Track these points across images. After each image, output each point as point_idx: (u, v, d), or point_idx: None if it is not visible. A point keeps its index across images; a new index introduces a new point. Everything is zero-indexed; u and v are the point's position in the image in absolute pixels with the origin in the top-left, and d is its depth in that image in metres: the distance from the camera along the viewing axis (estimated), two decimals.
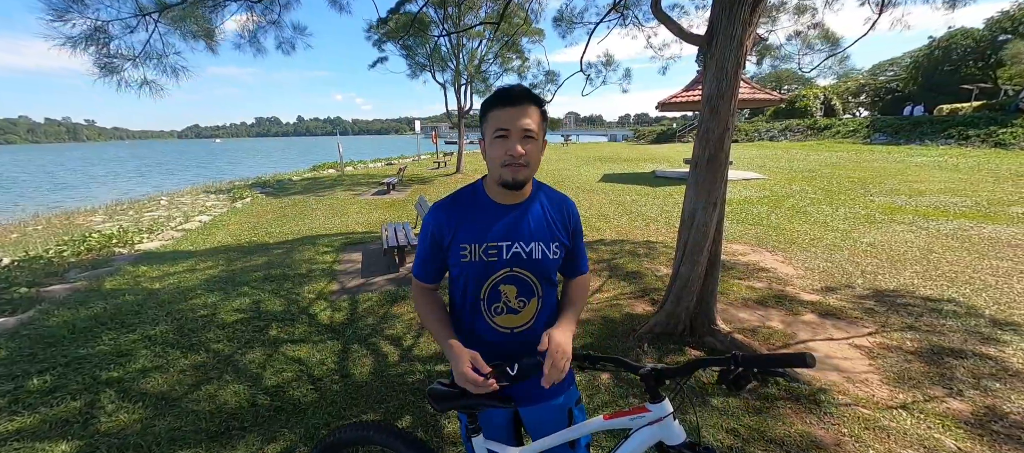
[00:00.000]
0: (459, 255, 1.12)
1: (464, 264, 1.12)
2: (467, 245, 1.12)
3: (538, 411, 1.24)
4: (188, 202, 10.55)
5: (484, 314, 1.17)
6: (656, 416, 1.02)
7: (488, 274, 1.12)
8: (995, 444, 2.02)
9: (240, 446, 2.13)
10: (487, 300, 1.15)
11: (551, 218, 1.17)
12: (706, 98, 2.58)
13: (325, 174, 17.04)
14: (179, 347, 3.12)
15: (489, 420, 1.26)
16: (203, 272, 4.90)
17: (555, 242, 1.16)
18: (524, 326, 1.18)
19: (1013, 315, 3.32)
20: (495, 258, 1.12)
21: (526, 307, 1.16)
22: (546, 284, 1.18)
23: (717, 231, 2.77)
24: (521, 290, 1.14)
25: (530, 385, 1.19)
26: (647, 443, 1.04)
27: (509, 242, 1.12)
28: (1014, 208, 6.78)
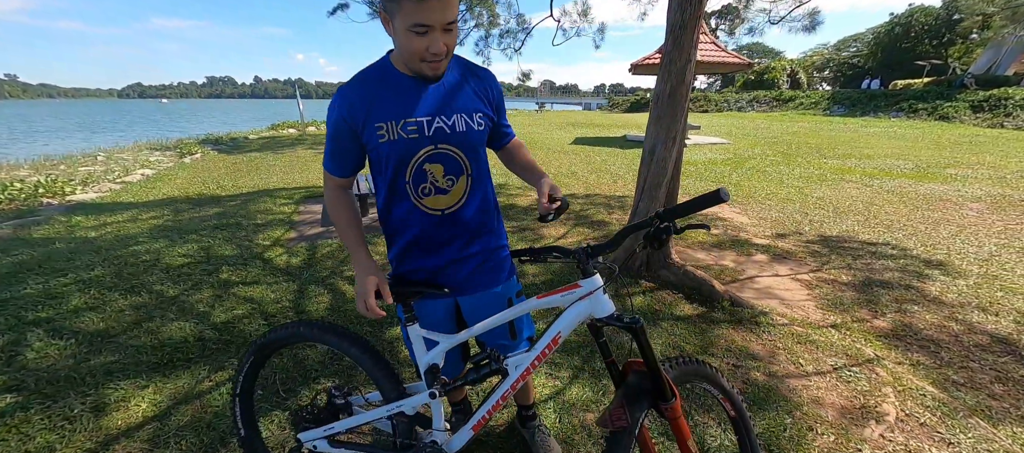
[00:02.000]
0: (376, 136, 1.03)
1: (382, 144, 1.03)
2: (383, 124, 1.02)
3: (477, 300, 1.24)
4: (129, 158, 9.69)
5: (412, 197, 1.10)
6: (586, 290, 1.03)
7: (411, 153, 1.05)
8: (908, 351, 2.23)
9: (185, 375, 2.05)
10: (413, 182, 1.08)
11: (473, 88, 1.11)
12: (670, 27, 2.54)
13: (285, 133, 16.06)
14: (117, 289, 2.92)
15: (427, 313, 1.24)
16: (146, 222, 4.57)
17: (479, 113, 1.10)
18: (455, 205, 1.13)
19: (937, 254, 3.63)
20: (416, 135, 1.04)
21: (455, 185, 1.11)
22: (474, 160, 1.12)
23: (676, 167, 2.82)
24: (448, 168, 1.09)
25: (469, 274, 1.21)
26: (579, 317, 1.06)
27: (430, 117, 1.04)
28: (948, 170, 7.34)
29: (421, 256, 1.18)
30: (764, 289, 3.00)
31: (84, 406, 1.83)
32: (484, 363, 1.14)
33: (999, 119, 14.55)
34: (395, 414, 1.21)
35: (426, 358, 1.17)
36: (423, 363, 1.17)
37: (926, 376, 2.04)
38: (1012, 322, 2.53)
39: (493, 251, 1.24)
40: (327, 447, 1.29)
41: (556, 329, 1.08)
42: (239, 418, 1.35)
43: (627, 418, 1.00)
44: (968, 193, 5.73)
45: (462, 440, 1.21)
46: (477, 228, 1.19)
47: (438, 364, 1.18)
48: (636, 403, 1.01)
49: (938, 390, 1.94)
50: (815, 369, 2.08)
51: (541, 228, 4.29)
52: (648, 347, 1.01)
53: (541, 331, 1.11)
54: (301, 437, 1.29)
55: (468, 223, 1.17)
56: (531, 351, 1.10)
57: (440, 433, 1.21)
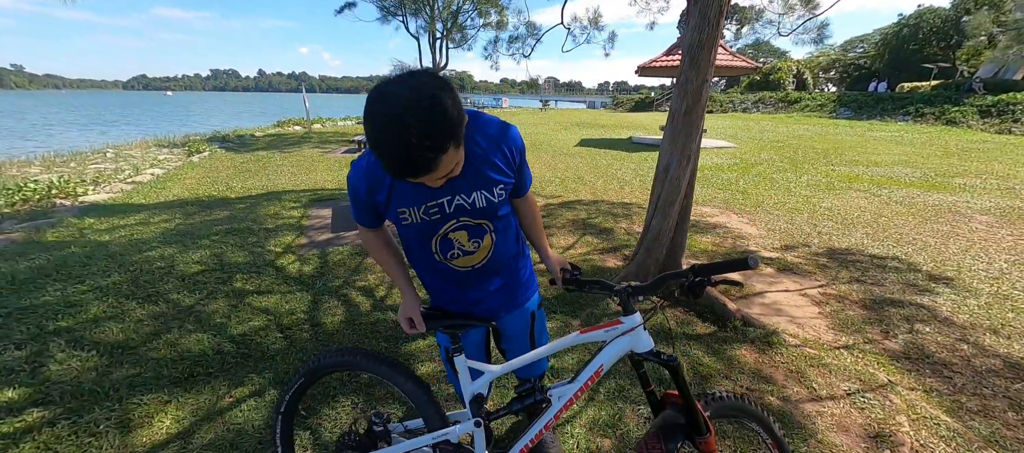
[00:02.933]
0: (399, 219, 1.09)
1: (406, 226, 1.10)
2: (405, 209, 1.06)
3: (509, 319, 1.37)
4: (138, 155, 9.75)
5: (440, 259, 1.18)
6: (628, 327, 1.09)
7: (435, 230, 1.10)
8: (921, 376, 2.25)
9: (206, 390, 2.08)
10: (440, 250, 1.15)
11: (491, 160, 1.07)
12: (687, 48, 2.54)
13: (290, 130, 16.11)
14: (135, 298, 2.96)
15: (467, 339, 1.36)
16: (158, 225, 4.61)
17: (499, 186, 1.10)
18: (482, 261, 1.21)
19: (946, 271, 3.63)
20: (438, 216, 1.07)
21: (480, 247, 1.17)
22: (495, 220, 1.16)
23: (689, 186, 2.82)
24: (472, 234, 1.14)
25: (501, 305, 1.33)
26: (621, 352, 1.11)
27: (449, 196, 1.05)
28: (957, 179, 7.30)
29: (454, 298, 1.29)
30: (773, 305, 3.01)
31: (109, 422, 1.86)
32: (527, 393, 1.20)
33: (1007, 125, 14.43)
34: (440, 443, 1.26)
35: (472, 388, 1.23)
36: (468, 392, 1.23)
37: (940, 404, 2.05)
38: (1023, 344, 2.53)
39: (516, 274, 1.34)
40: None
41: (598, 362, 1.12)
42: (279, 436, 1.38)
43: (661, 448, 1.04)
44: (977, 205, 5.70)
45: None
46: (503, 267, 1.28)
47: (483, 393, 1.24)
48: (671, 436, 1.05)
49: (952, 418, 1.95)
50: (829, 394, 2.09)
51: (551, 236, 4.31)
52: (684, 382, 1.05)
53: (583, 364, 1.16)
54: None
55: (496, 269, 1.26)
56: (574, 383, 1.15)
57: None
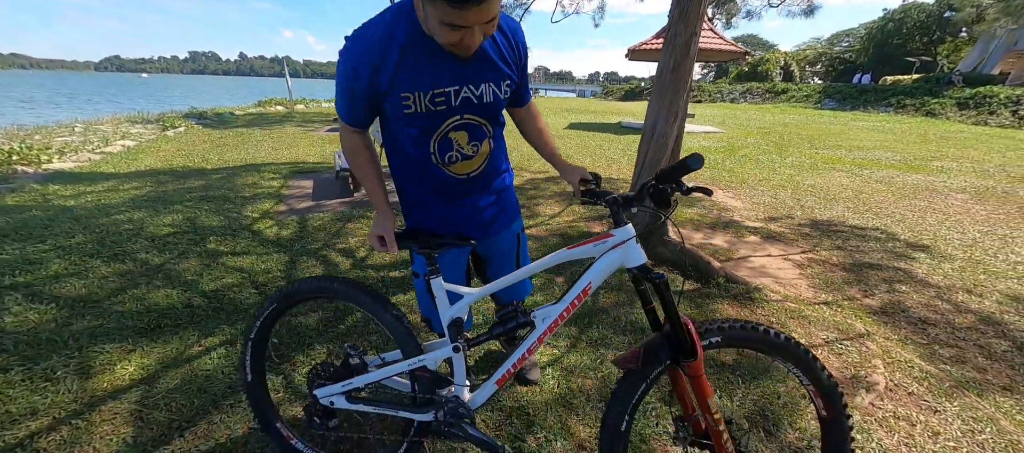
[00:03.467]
0: (401, 106, 0.97)
1: (408, 116, 0.99)
2: (410, 95, 0.96)
3: (493, 241, 1.33)
4: (109, 129, 9.33)
5: (435, 163, 1.11)
6: (619, 240, 1.02)
7: (438, 124, 1.03)
8: (897, 328, 2.28)
9: (174, 340, 1.99)
10: (438, 151, 1.08)
11: (503, 52, 1.05)
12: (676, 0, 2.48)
13: (272, 110, 15.63)
14: (99, 257, 2.82)
15: (445, 265, 1.29)
16: (127, 192, 4.41)
17: (506, 81, 1.07)
18: (477, 170, 1.18)
19: (923, 240, 3.71)
20: (444, 107, 1.00)
21: (479, 151, 1.14)
22: (495, 124, 1.16)
23: (676, 144, 2.80)
24: (472, 135, 1.10)
25: (488, 222, 1.28)
26: (611, 267, 1.04)
27: (458, 86, 0.99)
28: (934, 162, 7.48)
29: (440, 214, 1.23)
30: (757, 268, 3.03)
31: (67, 369, 1.76)
32: (510, 316, 1.12)
33: (983, 116, 14.86)
34: (417, 369, 1.18)
35: (450, 312, 1.15)
36: (446, 317, 1.15)
37: (915, 350, 2.09)
38: (995, 303, 2.60)
39: (505, 193, 1.31)
40: (345, 403, 1.25)
41: (587, 279, 1.05)
42: (248, 364, 1.30)
43: (638, 362, 1.01)
44: (953, 184, 5.85)
45: (485, 395, 1.19)
46: (493, 181, 1.26)
47: (462, 318, 1.16)
48: (654, 354, 1.01)
49: (926, 362, 1.99)
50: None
51: (538, 206, 4.27)
52: (670, 302, 0.98)
53: (570, 282, 1.08)
54: (317, 393, 1.25)
55: (487, 179, 1.23)
56: (559, 303, 1.06)
57: (462, 388, 1.19)
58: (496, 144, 1.20)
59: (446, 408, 1.18)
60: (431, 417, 1.20)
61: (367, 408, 1.26)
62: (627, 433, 1.06)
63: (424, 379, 1.21)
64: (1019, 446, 1.54)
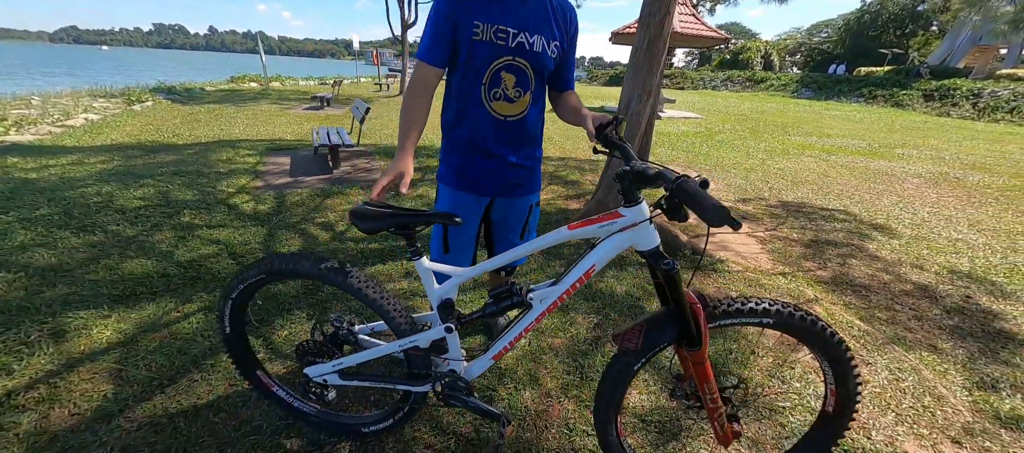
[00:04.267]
0: (471, 31, 1.17)
1: (475, 42, 1.18)
2: (481, 24, 1.17)
3: (509, 204, 1.43)
4: (69, 103, 8.84)
5: (483, 98, 1.25)
6: (629, 221, 0.93)
7: (494, 57, 1.20)
8: (842, 295, 2.49)
9: (150, 307, 2.01)
10: (488, 84, 1.24)
11: (557, 17, 1.26)
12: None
13: (246, 87, 15.05)
14: (68, 228, 2.76)
15: (459, 206, 1.39)
16: (93, 165, 4.26)
17: (555, 41, 1.25)
18: (516, 116, 1.29)
19: (877, 219, 3.96)
20: (503, 42, 1.19)
21: (521, 98, 1.27)
22: (539, 80, 1.28)
23: (649, 123, 2.89)
24: (519, 80, 1.25)
25: (515, 181, 1.38)
26: (618, 248, 0.98)
27: (516, 30, 1.20)
28: (896, 150, 7.88)
29: (476, 155, 1.33)
30: (722, 243, 3.20)
31: (41, 333, 1.77)
32: (505, 295, 1.08)
33: (946, 108, 15.58)
34: (410, 348, 1.17)
35: (438, 292, 1.12)
36: (435, 298, 1.13)
37: (855, 313, 2.29)
38: (933, 275, 2.84)
39: (533, 165, 1.42)
40: (339, 380, 1.25)
41: (590, 261, 0.99)
42: (227, 319, 1.24)
43: (637, 343, 0.96)
44: (910, 170, 6.20)
45: (481, 368, 1.21)
46: (528, 140, 1.36)
47: (452, 298, 1.14)
48: (656, 334, 0.96)
49: (863, 323, 2.19)
50: None
51: None
52: (679, 291, 0.93)
53: (572, 262, 1.03)
54: (308, 372, 1.24)
55: (523, 133, 1.33)
56: (559, 284, 1.03)
57: (457, 362, 1.20)
58: (535, 105, 1.31)
59: (443, 381, 1.19)
60: (428, 388, 1.21)
61: (362, 382, 1.27)
62: (621, 401, 1.08)
63: (417, 356, 1.19)
64: (935, 391, 1.74)
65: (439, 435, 1.42)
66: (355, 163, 4.97)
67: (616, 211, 0.95)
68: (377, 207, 1.05)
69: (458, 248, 1.48)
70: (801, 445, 1.15)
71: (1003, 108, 14.30)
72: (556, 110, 1.39)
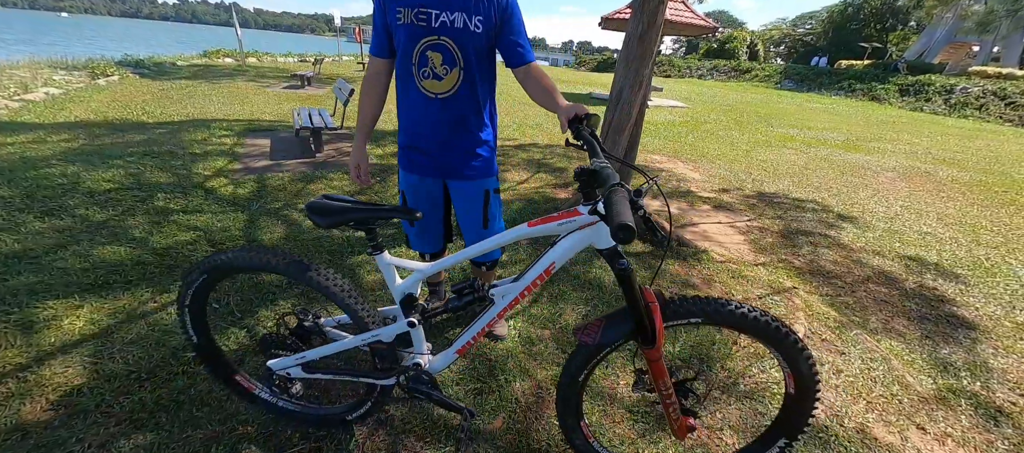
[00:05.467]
0: (395, 16, 1.26)
1: (399, 26, 1.26)
2: (402, 9, 1.25)
3: (463, 186, 1.48)
4: (27, 75, 8.26)
5: (415, 77, 1.31)
6: (588, 219, 0.94)
7: (418, 37, 1.26)
8: (818, 284, 2.58)
9: (125, 296, 1.93)
10: (417, 64, 1.30)
11: (482, 2, 1.27)
12: None
13: (220, 62, 14.35)
14: (31, 211, 2.61)
15: (418, 194, 1.49)
16: (57, 144, 4.02)
17: (479, 15, 1.27)
18: (447, 93, 1.33)
19: (853, 212, 4.11)
20: (424, 24, 1.25)
21: (449, 74, 1.31)
22: (466, 57, 1.30)
23: (639, 113, 2.89)
24: (445, 58, 1.28)
25: (457, 160, 1.41)
26: (577, 247, 0.99)
27: (437, 10, 1.24)
28: (872, 143, 8.13)
29: (414, 135, 1.42)
30: (705, 233, 3.26)
31: (7, 324, 1.68)
32: (467, 291, 1.09)
33: (920, 103, 16.12)
34: (374, 343, 1.16)
35: (401, 287, 1.12)
36: (398, 292, 1.13)
37: (830, 303, 2.38)
38: (902, 265, 2.97)
39: (478, 147, 1.44)
40: (302, 373, 1.25)
41: (549, 259, 1.00)
42: (190, 327, 1.24)
43: (595, 338, 0.99)
44: (885, 164, 6.42)
45: (445, 362, 1.22)
46: (463, 117, 1.38)
47: (414, 293, 1.14)
48: (612, 330, 0.99)
49: (838, 313, 2.28)
50: (743, 297, 2.35)
51: (506, 172, 4.31)
52: (633, 291, 0.95)
53: (532, 260, 1.04)
54: (271, 365, 1.23)
55: (456, 110, 1.36)
56: (520, 280, 1.04)
57: (421, 355, 1.21)
58: (466, 82, 1.33)
59: (407, 373, 1.19)
60: (393, 382, 1.21)
61: (326, 375, 1.26)
62: (581, 390, 1.12)
63: (381, 350, 1.19)
64: (903, 379, 1.84)
65: (429, 425, 1.43)
66: (339, 147, 4.83)
67: (575, 209, 0.97)
68: (336, 201, 1.04)
69: (421, 227, 1.58)
70: (775, 426, 1.21)
71: (973, 104, 14.89)
72: (526, 90, 1.37)
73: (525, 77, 1.36)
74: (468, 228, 1.56)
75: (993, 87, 15.24)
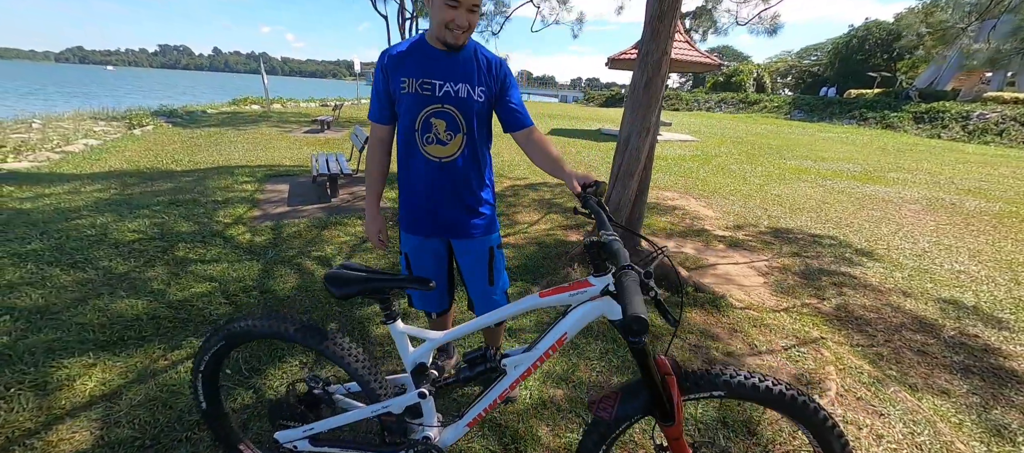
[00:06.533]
0: (400, 86, 1.29)
1: (403, 95, 1.30)
2: (406, 79, 1.29)
3: (467, 245, 1.48)
4: (70, 126, 8.87)
5: (418, 143, 1.34)
6: (599, 291, 0.94)
7: (423, 105, 1.30)
8: (848, 333, 2.44)
9: (138, 354, 1.94)
10: (421, 130, 1.33)
11: (481, 68, 1.34)
12: (648, 20, 2.59)
13: (247, 109, 15.20)
14: (59, 264, 2.70)
15: (422, 260, 1.49)
16: (90, 195, 4.22)
17: (481, 86, 1.33)
18: (450, 157, 1.37)
19: (877, 249, 3.95)
20: (429, 93, 1.29)
21: (453, 140, 1.35)
22: (469, 123, 1.35)
23: (648, 158, 2.90)
24: (449, 124, 1.33)
25: (457, 218, 1.42)
26: (588, 318, 0.98)
27: (441, 81, 1.30)
28: (891, 174, 7.95)
29: (416, 196, 1.42)
30: (723, 275, 3.16)
31: (23, 385, 1.70)
32: (479, 360, 1.08)
33: (937, 130, 15.86)
34: (382, 414, 1.13)
35: (413, 356, 1.13)
36: (409, 362, 1.13)
37: (863, 355, 2.24)
38: (937, 309, 2.80)
39: (480, 206, 1.47)
40: (309, 447, 1.22)
41: (561, 329, 0.99)
42: (201, 394, 1.24)
43: (611, 413, 0.95)
44: (907, 195, 6.24)
45: (456, 435, 1.18)
46: (465, 179, 1.41)
47: (425, 362, 1.14)
48: (628, 404, 0.95)
49: (872, 367, 2.13)
50: (768, 348, 2.23)
51: (517, 213, 4.32)
52: (647, 366, 0.91)
53: (544, 330, 1.03)
54: (278, 437, 1.20)
55: (459, 173, 1.39)
56: (532, 351, 1.03)
57: (432, 427, 1.18)
58: (469, 147, 1.37)
59: (416, 448, 1.15)
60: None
61: (333, 449, 1.22)
62: None
63: (391, 422, 1.16)
64: (953, 447, 1.68)
65: None
66: (354, 191, 4.96)
67: (586, 279, 0.97)
68: (352, 271, 1.08)
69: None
70: None
71: (992, 130, 14.57)
72: (528, 154, 1.39)
73: (527, 141, 1.39)
74: (474, 285, 1.55)
75: (1012, 112, 14.95)
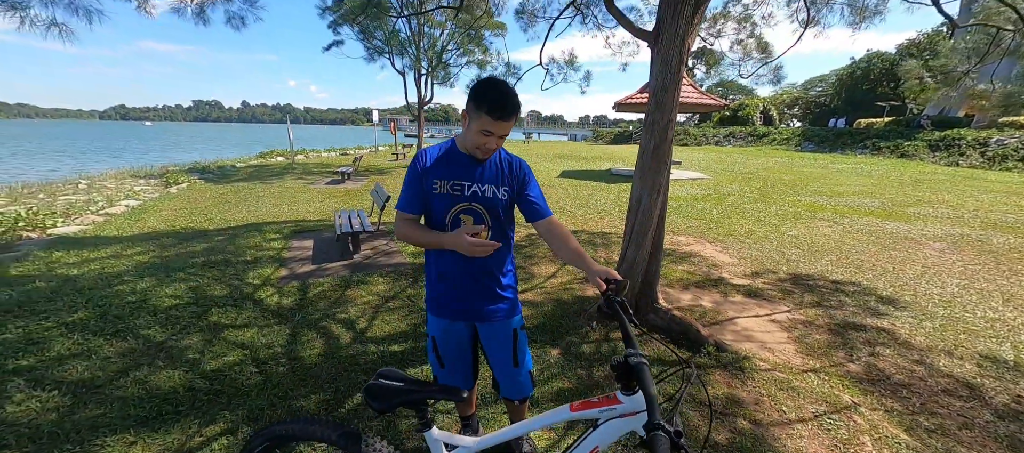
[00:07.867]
0: (432, 186, 1.44)
1: (435, 194, 1.45)
2: (438, 181, 1.44)
3: (489, 328, 1.57)
4: (113, 186, 9.51)
5: None
6: (628, 409, 0.98)
7: (453, 204, 1.45)
8: (882, 397, 2.36)
9: (175, 430, 2.02)
10: (450, 225, 1.46)
11: (504, 170, 1.50)
12: (652, 91, 2.76)
13: (273, 161, 16.05)
14: (103, 334, 2.86)
15: (448, 345, 1.58)
16: (131, 258, 4.49)
17: (504, 187, 1.49)
18: None
19: (904, 295, 3.85)
20: (458, 193, 1.45)
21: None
22: (494, 218, 1.49)
23: (660, 217, 2.98)
24: (476, 219, 1.47)
25: (483, 304, 1.52)
26: (619, 432, 1.01)
27: (470, 182, 1.45)
28: (911, 208, 7.81)
29: (443, 283, 1.52)
30: (744, 331, 3.12)
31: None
32: None
33: (954, 158, 15.59)
34: None
35: None
36: None
37: (900, 423, 2.16)
38: (975, 366, 2.70)
39: (504, 291, 1.56)
40: None
41: (593, 443, 1.02)
42: None
43: None
44: (930, 232, 6.10)
45: None
46: (490, 269, 1.52)
47: None
48: None
49: (911, 437, 2.05)
50: (797, 416, 2.18)
51: (533, 266, 4.40)
52: None
53: (574, 443, 1.07)
54: None
55: (484, 263, 1.49)
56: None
57: None
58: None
59: None
60: None
61: None
62: None
63: None
64: None
65: None
66: (375, 245, 5.14)
67: (615, 396, 1.01)
68: (391, 381, 1.14)
69: (450, 363, 1.63)
70: None
71: (1013, 156, 14.25)
72: (549, 244, 1.50)
73: (548, 231, 1.50)
74: (499, 367, 1.63)
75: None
